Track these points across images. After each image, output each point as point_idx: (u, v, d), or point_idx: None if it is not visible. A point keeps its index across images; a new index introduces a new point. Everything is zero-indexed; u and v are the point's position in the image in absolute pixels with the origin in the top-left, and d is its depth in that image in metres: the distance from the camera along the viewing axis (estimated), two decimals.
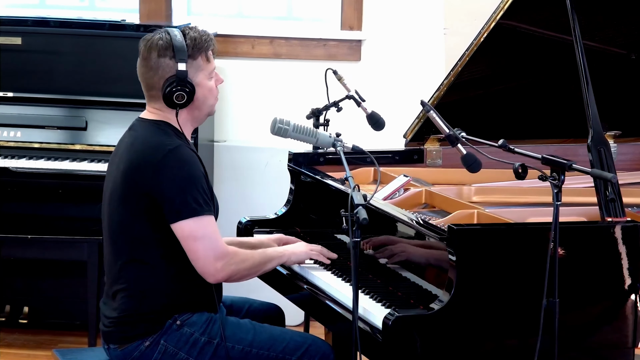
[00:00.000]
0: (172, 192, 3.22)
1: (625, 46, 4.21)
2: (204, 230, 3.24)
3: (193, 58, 3.33)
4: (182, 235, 3.24)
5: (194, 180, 3.25)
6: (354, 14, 5.69)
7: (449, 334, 3.04)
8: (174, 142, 3.29)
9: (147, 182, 3.24)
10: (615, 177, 3.13)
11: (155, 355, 3.29)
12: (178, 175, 3.23)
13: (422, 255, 3.35)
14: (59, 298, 5.31)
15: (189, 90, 3.30)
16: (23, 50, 5.17)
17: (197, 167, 3.28)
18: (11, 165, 4.93)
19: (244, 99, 5.74)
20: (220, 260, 3.26)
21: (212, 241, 3.25)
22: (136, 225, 3.29)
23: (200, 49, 3.34)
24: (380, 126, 4.09)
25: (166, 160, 3.24)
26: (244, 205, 5.48)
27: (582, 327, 3.19)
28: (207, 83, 3.37)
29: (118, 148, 3.41)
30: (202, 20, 5.75)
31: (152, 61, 3.31)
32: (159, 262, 3.30)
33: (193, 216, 3.22)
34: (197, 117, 3.41)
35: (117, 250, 3.34)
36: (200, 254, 3.25)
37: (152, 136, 3.31)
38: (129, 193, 3.28)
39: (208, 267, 3.26)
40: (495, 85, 4.25)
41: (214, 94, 3.40)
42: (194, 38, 3.33)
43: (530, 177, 3.12)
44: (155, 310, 3.30)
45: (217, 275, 3.28)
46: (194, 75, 3.33)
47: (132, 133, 3.39)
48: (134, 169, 3.27)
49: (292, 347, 3.37)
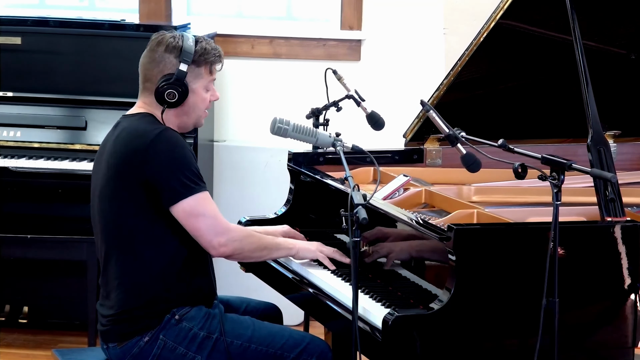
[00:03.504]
0: (166, 175, 3.25)
1: (625, 46, 4.21)
2: (204, 207, 3.28)
3: (197, 65, 3.36)
4: (184, 214, 3.27)
5: (185, 160, 3.28)
6: (353, 14, 5.69)
7: (448, 334, 3.04)
8: (159, 126, 3.33)
9: (139, 171, 3.26)
10: (615, 176, 3.13)
11: (155, 351, 3.30)
12: (169, 157, 3.26)
13: (407, 251, 3.35)
14: (59, 298, 5.31)
15: (181, 91, 3.33)
16: (23, 50, 5.17)
17: (185, 147, 3.32)
18: (11, 165, 4.93)
19: (244, 99, 5.74)
20: (222, 235, 3.30)
21: (213, 217, 3.30)
22: (129, 220, 3.30)
23: (207, 59, 3.38)
24: (380, 126, 4.09)
25: (154, 144, 3.27)
26: (244, 205, 5.48)
27: (582, 327, 3.19)
28: (202, 93, 3.40)
29: (103, 146, 3.43)
30: (201, 20, 5.75)
31: (157, 54, 3.36)
32: (153, 256, 3.31)
33: (191, 194, 3.26)
34: (183, 123, 3.43)
35: (110, 247, 3.35)
36: (203, 230, 3.28)
37: (138, 125, 3.34)
38: (121, 185, 3.30)
39: (212, 242, 3.30)
40: (495, 85, 4.25)
41: (205, 105, 3.43)
42: (204, 47, 3.37)
43: (530, 177, 3.13)
44: (151, 305, 3.31)
45: (221, 249, 3.31)
46: (193, 81, 3.36)
47: (117, 129, 3.41)
48: (123, 159, 3.29)
49: (291, 344, 3.38)
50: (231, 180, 5.67)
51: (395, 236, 3.47)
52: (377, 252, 3.51)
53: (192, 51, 3.34)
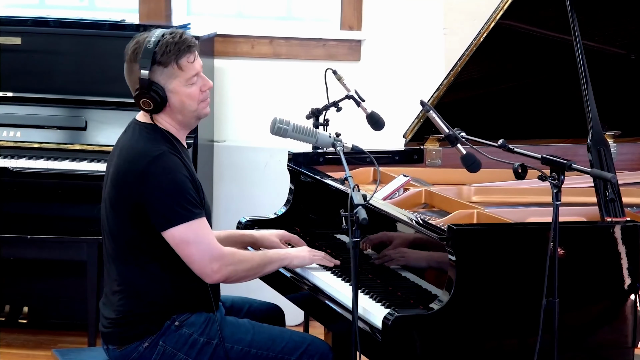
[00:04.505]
0: (158, 201, 3.21)
1: (625, 46, 4.21)
2: (195, 234, 3.23)
3: (163, 65, 3.25)
4: (174, 242, 3.23)
5: (179, 186, 3.23)
6: (353, 14, 5.69)
7: (448, 334, 3.04)
8: (158, 148, 3.25)
9: (133, 191, 3.23)
10: (615, 177, 3.13)
11: (154, 356, 3.29)
12: (162, 183, 3.21)
13: (421, 258, 3.34)
14: (59, 298, 5.31)
15: (154, 96, 3.25)
16: (23, 50, 5.17)
17: (180, 172, 3.24)
18: (11, 165, 4.93)
19: (244, 99, 5.74)
20: (216, 261, 3.26)
21: (206, 244, 3.25)
22: (127, 230, 3.29)
23: (171, 56, 3.25)
24: (380, 126, 4.09)
25: (149, 169, 3.22)
26: (244, 205, 5.48)
27: (582, 327, 3.19)
28: (184, 90, 3.29)
29: (114, 149, 3.40)
30: (201, 20, 5.75)
31: (128, 64, 3.31)
32: (154, 264, 3.30)
33: (182, 222, 3.21)
34: (184, 122, 3.35)
35: (113, 252, 3.35)
36: (196, 257, 3.24)
37: (138, 143, 3.29)
38: (118, 199, 3.29)
39: (205, 269, 3.25)
40: (495, 85, 4.25)
41: (195, 98, 3.31)
42: (165, 44, 3.24)
43: (530, 177, 3.12)
44: (153, 311, 3.30)
45: (214, 276, 3.28)
46: (167, 82, 3.26)
47: (126, 136, 3.37)
48: (121, 178, 3.27)
49: (291, 347, 3.37)
50: (231, 181, 5.67)
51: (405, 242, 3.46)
52: (387, 256, 3.49)
53: (149, 55, 3.22)
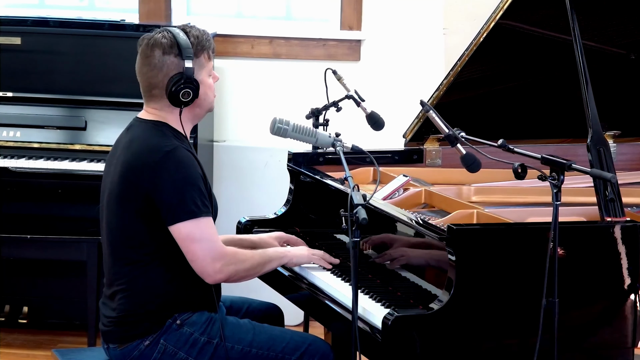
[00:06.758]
0: (169, 194, 3.22)
1: (625, 46, 4.22)
2: (201, 232, 3.23)
3: (197, 56, 3.33)
4: (180, 237, 3.23)
5: (192, 181, 3.24)
6: (353, 14, 5.69)
7: (448, 334, 3.04)
8: (172, 143, 3.28)
9: (144, 184, 3.24)
10: (615, 177, 3.13)
11: (155, 355, 3.29)
12: (175, 177, 3.23)
13: (421, 257, 3.34)
14: (59, 298, 5.31)
15: (194, 87, 3.30)
16: (23, 50, 5.17)
17: (194, 168, 3.27)
18: (11, 165, 4.93)
19: (244, 99, 5.74)
20: (218, 261, 3.26)
21: (210, 243, 3.25)
22: (134, 226, 3.28)
23: (203, 47, 3.35)
24: (380, 126, 4.09)
25: (163, 162, 3.23)
26: (244, 205, 5.48)
27: (582, 327, 3.19)
28: (208, 81, 3.38)
29: (115, 148, 3.40)
30: (201, 20, 5.74)
31: (155, 59, 3.30)
32: (157, 262, 3.29)
33: (191, 218, 3.22)
34: (198, 114, 3.41)
35: (115, 250, 3.34)
36: (199, 255, 3.24)
37: (150, 137, 3.30)
38: (127, 194, 3.28)
39: (206, 268, 3.26)
40: (495, 85, 4.25)
41: (212, 90, 3.41)
42: (196, 36, 3.34)
43: (530, 177, 3.13)
44: (154, 310, 3.30)
45: (216, 276, 3.28)
46: (198, 73, 3.33)
47: (130, 133, 3.38)
48: (132, 171, 3.27)
49: (291, 347, 3.37)
50: (231, 181, 5.67)
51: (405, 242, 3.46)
52: (388, 255, 3.49)
53: (189, 45, 3.30)
